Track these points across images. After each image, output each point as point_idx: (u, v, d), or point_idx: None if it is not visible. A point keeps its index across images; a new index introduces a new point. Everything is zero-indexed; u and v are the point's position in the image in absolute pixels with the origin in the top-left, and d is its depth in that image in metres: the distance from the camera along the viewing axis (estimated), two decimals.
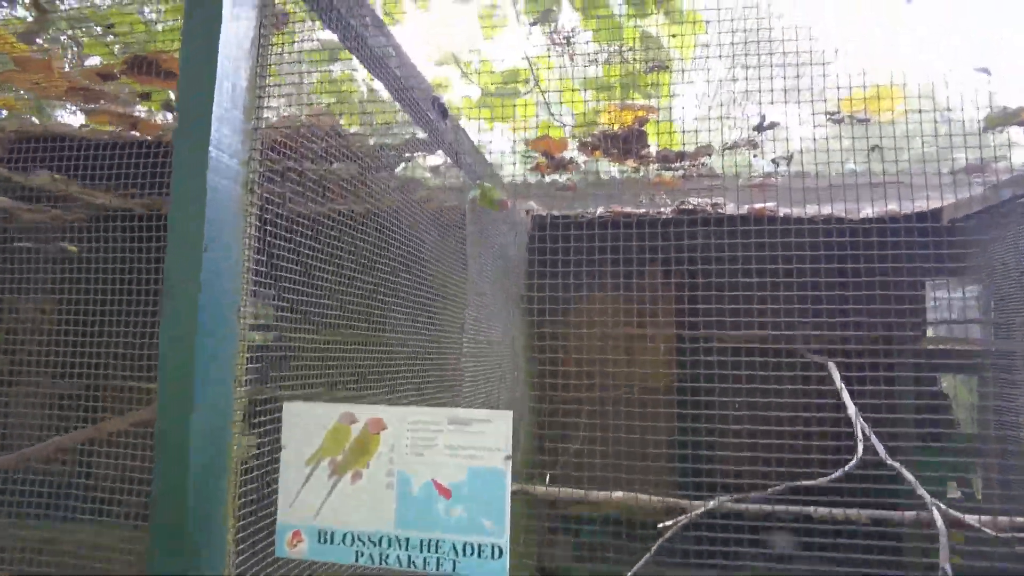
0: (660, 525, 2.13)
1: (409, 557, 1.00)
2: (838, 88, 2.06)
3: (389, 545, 1.01)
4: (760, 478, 2.61)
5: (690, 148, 2.46)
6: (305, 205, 1.43)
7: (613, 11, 4.19)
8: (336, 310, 1.52)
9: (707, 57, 3.21)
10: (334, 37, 1.54)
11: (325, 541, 1.03)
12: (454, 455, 1.00)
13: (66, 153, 2.50)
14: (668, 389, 4.01)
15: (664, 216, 3.66)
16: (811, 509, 2.22)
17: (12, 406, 3.91)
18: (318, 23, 1.49)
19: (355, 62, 1.62)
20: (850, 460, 2.53)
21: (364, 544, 1.02)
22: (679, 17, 3.80)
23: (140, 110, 2.19)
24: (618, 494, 2.28)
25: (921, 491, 2.18)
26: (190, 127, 0.95)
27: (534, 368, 3.62)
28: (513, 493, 2.38)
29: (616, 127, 2.30)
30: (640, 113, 2.27)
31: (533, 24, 2.92)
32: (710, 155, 2.49)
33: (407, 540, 1.00)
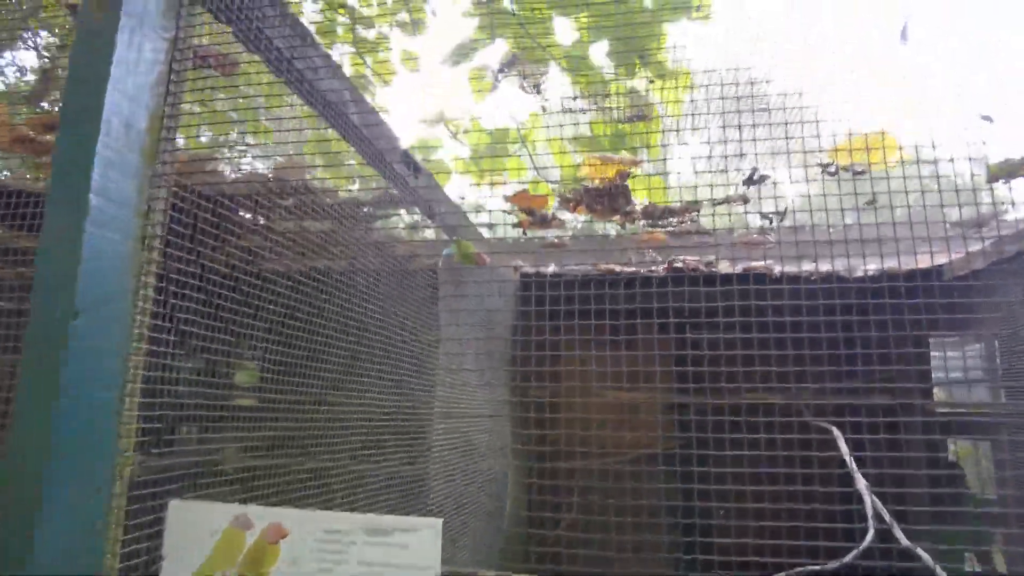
0: None
1: None
2: (834, 136, 1.95)
3: None
4: (761, 554, 2.38)
5: (678, 204, 2.33)
6: (242, 262, 1.28)
7: (600, 70, 4.18)
8: (273, 374, 1.35)
9: (693, 113, 3.13)
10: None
11: None
12: (370, 574, 0.81)
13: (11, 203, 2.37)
14: (662, 457, 3.79)
15: (655, 275, 3.53)
16: None
17: None
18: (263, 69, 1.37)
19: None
20: (860, 535, 2.32)
21: None
22: (665, 74, 3.77)
23: None
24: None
25: (941, 574, 1.96)
26: (67, 169, 0.81)
27: (521, 435, 3.41)
28: None
29: (598, 181, 2.18)
30: (622, 167, 2.15)
31: (500, 71, 2.85)
32: (698, 211, 2.37)
33: None
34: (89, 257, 0.79)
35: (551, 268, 3.76)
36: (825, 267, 3.59)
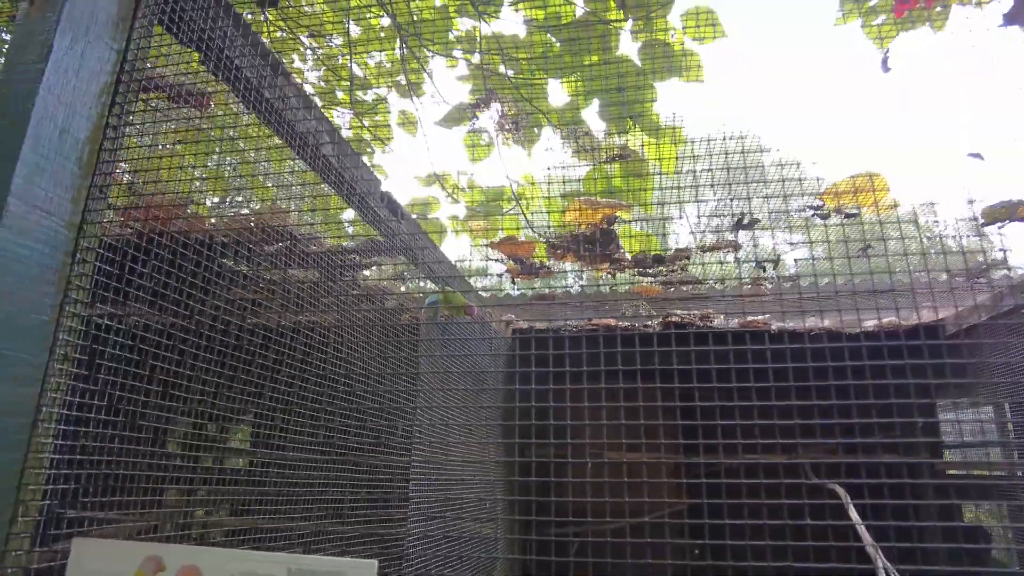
0: None
1: None
2: (818, 180, 1.91)
3: None
4: None
5: (668, 252, 2.28)
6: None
7: (591, 129, 4.22)
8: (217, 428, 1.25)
9: (684, 170, 3.13)
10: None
11: None
12: None
13: None
14: (665, 518, 3.62)
15: (651, 330, 3.45)
16: None
17: None
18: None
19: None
20: None
21: None
22: (656, 132, 3.80)
23: None
24: None
25: None
26: None
27: (517, 496, 3.25)
28: None
29: (584, 226, 2.14)
30: (609, 211, 2.11)
31: (475, 106, 2.85)
32: (689, 258, 2.31)
33: None
34: (4, 269, 0.72)
35: (544, 324, 3.69)
36: (825, 322, 3.51)
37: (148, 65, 1.00)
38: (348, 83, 5.10)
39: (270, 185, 1.74)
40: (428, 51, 5.32)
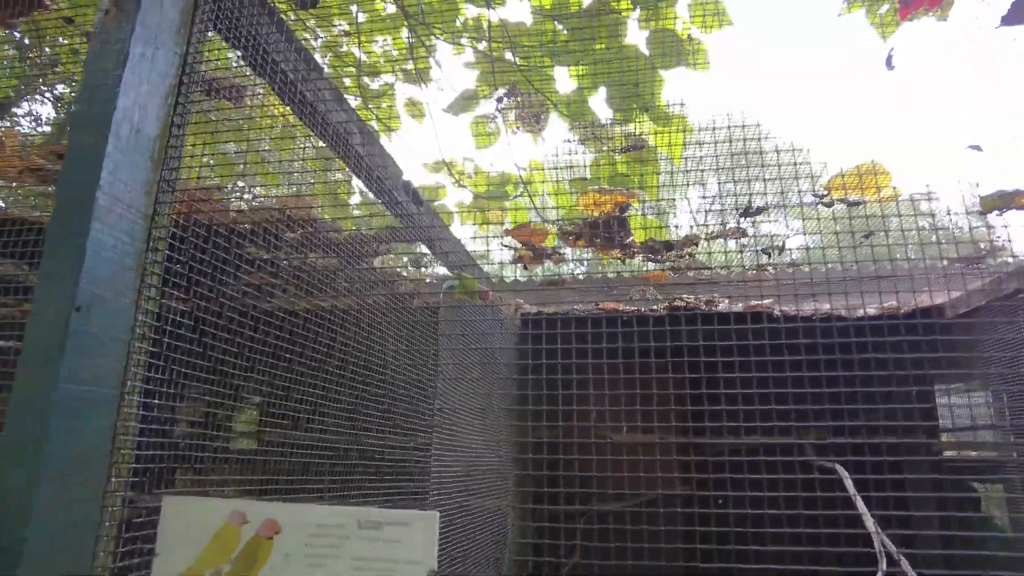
0: None
1: None
2: (818, 165, 1.98)
3: None
4: None
5: (677, 238, 2.36)
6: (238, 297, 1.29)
7: (598, 116, 4.28)
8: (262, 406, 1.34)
9: (690, 157, 3.20)
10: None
11: None
12: (362, 570, 0.80)
13: (27, 239, 2.40)
14: (665, 499, 3.73)
15: (657, 313, 3.53)
16: None
17: None
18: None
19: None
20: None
21: None
22: (664, 119, 3.86)
23: None
24: None
25: None
26: (77, 168, 0.83)
27: (526, 475, 3.35)
28: None
29: (597, 214, 2.21)
30: (620, 199, 2.19)
31: (499, 100, 2.91)
32: (697, 244, 2.39)
33: None
34: (93, 253, 0.81)
35: (552, 308, 3.77)
36: (826, 306, 3.60)
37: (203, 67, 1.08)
38: (354, 70, 5.15)
39: (304, 174, 1.81)
40: (435, 37, 5.36)
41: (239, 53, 1.22)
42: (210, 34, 1.10)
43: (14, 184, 2.05)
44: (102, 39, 0.89)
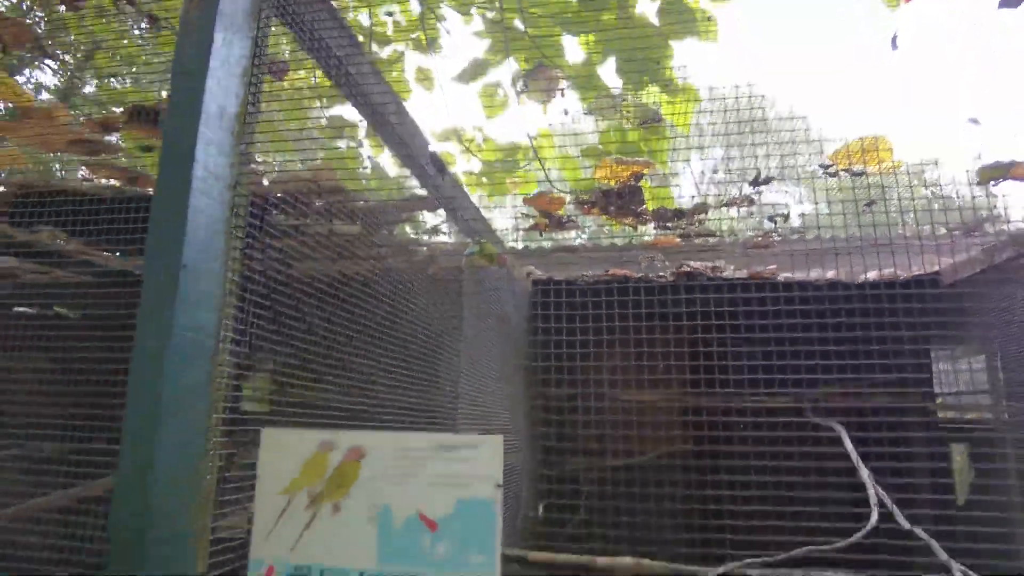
0: None
1: None
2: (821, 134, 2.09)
3: None
4: (772, 546, 2.47)
5: (687, 207, 2.47)
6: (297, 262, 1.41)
7: (608, 86, 4.35)
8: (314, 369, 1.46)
9: (694, 125, 3.28)
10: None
11: None
12: (440, 485, 0.93)
13: (69, 209, 2.51)
14: (673, 455, 3.88)
15: (664, 280, 3.65)
16: (827, 574, 2.09)
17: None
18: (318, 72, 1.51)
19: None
20: (863, 525, 2.41)
21: None
22: (674, 89, 3.93)
23: (143, 165, 2.22)
24: (625, 560, 2.16)
25: (943, 555, 2.06)
26: (175, 146, 0.94)
27: (537, 435, 3.51)
28: (509, 560, 2.25)
29: (613, 183, 2.32)
30: (637, 168, 2.29)
31: (523, 79, 2.98)
32: (706, 212, 2.50)
33: None
34: (192, 219, 0.92)
35: (563, 275, 3.89)
36: (829, 273, 3.71)
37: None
38: (362, 37, 5.18)
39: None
40: (444, 5, 5.38)
41: (291, 33, 1.32)
42: (273, 18, 1.20)
43: (63, 155, 2.15)
44: (187, 26, 0.99)
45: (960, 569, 2.00)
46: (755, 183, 2.25)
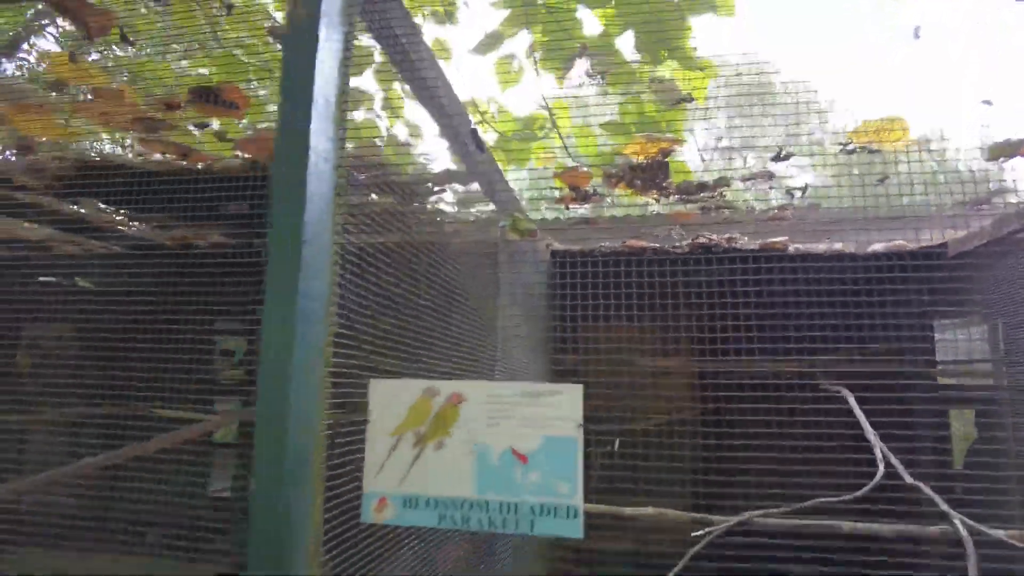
0: (694, 534, 2.18)
1: (490, 519, 1.08)
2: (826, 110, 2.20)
3: (471, 508, 1.09)
4: (784, 499, 2.65)
5: (710, 181, 2.59)
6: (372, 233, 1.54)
7: (625, 59, 4.41)
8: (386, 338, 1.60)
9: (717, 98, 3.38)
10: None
11: (410, 506, 1.11)
12: (529, 425, 1.09)
13: (118, 182, 2.64)
14: (684, 420, 4.06)
15: (679, 250, 3.78)
16: (839, 524, 2.27)
17: (35, 432, 3.96)
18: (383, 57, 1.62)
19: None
20: (868, 482, 2.58)
21: (447, 508, 1.09)
22: (691, 63, 4.00)
23: (199, 140, 2.33)
24: (648, 509, 2.33)
25: (944, 506, 2.23)
26: (291, 135, 1.07)
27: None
28: None
29: (642, 158, 2.44)
30: (665, 145, 2.41)
31: (575, 58, 3.06)
32: (728, 186, 2.62)
33: (487, 503, 1.08)
34: (309, 199, 1.06)
35: (581, 246, 4.02)
36: (838, 244, 3.85)
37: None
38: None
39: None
40: None
41: (364, 24, 1.44)
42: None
43: (127, 132, 2.27)
44: (295, 24, 1.12)
45: (959, 519, 2.17)
46: (777, 159, 2.37)
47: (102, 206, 3.05)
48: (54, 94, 2.05)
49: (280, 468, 0.96)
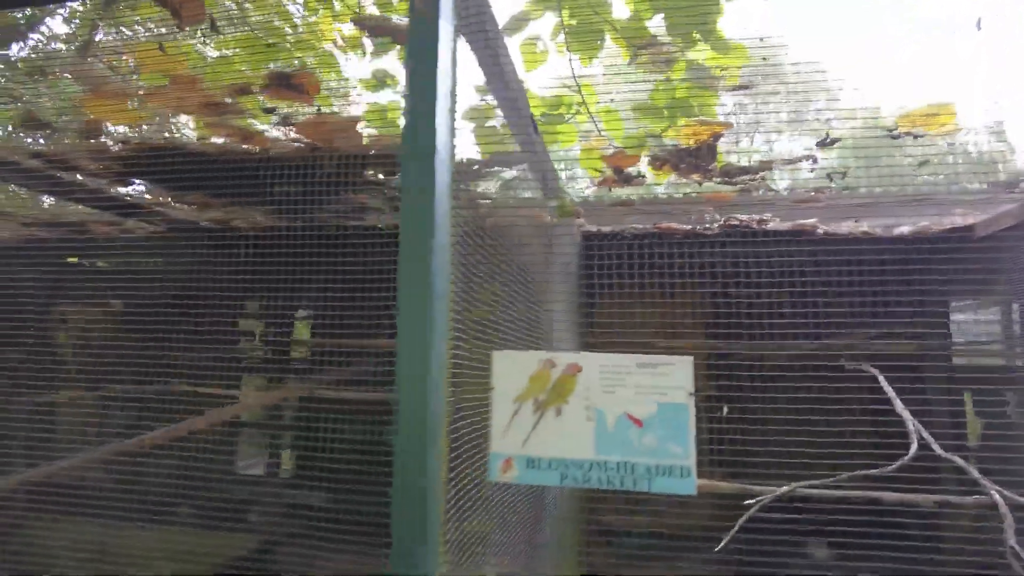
0: (747, 502, 2.29)
1: (608, 477, 1.18)
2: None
3: (590, 468, 1.19)
4: (818, 470, 2.75)
5: (753, 163, 2.67)
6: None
7: (659, 41, 4.45)
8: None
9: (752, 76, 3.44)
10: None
11: (533, 467, 1.21)
12: (643, 393, 1.18)
13: (178, 165, 2.71)
14: (708, 397, 4.15)
15: (710, 232, 3.86)
16: (882, 495, 2.37)
17: (74, 411, 4.07)
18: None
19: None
20: (899, 457, 2.69)
21: (568, 468, 1.20)
22: (722, 45, 4.05)
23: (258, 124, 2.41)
24: (699, 480, 2.44)
25: (979, 477, 2.34)
26: (418, 125, 1.16)
27: None
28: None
29: (693, 142, 2.51)
30: (719, 128, 2.48)
31: (640, 49, 3.11)
32: (771, 169, 2.70)
33: (606, 463, 1.18)
34: (439, 188, 1.15)
35: (610, 227, 4.10)
36: (864, 227, 3.92)
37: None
38: None
39: None
40: None
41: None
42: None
43: (196, 117, 2.34)
44: (418, 19, 1.19)
45: (995, 488, 2.28)
46: (823, 144, 2.44)
47: (147, 189, 3.13)
48: (134, 77, 2.12)
49: (423, 429, 1.06)
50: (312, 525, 2.89)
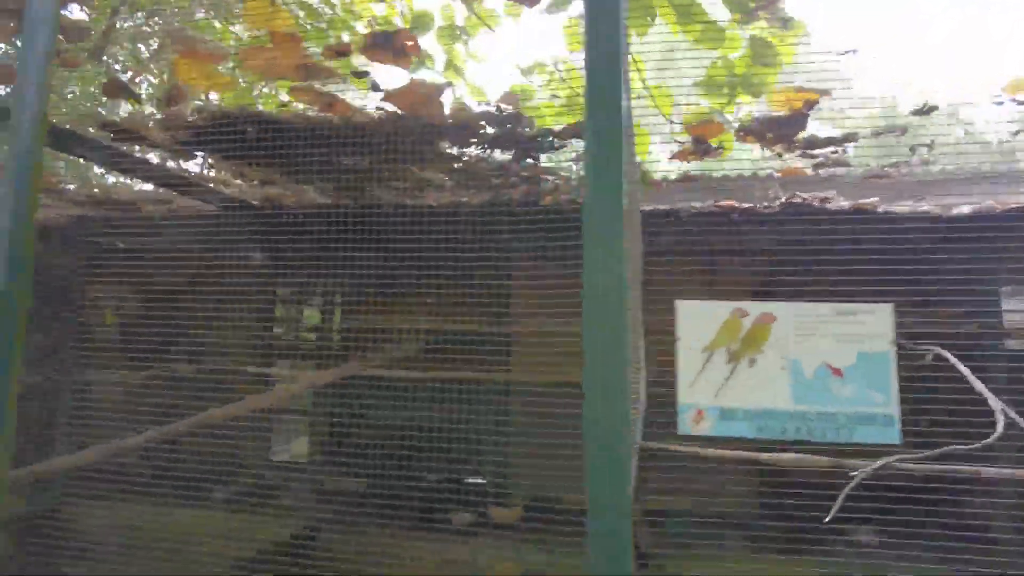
0: (851, 473, 2.26)
1: (807, 428, 1.16)
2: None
3: (788, 419, 1.16)
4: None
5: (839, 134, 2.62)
6: None
7: (713, 18, 4.39)
8: None
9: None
10: None
11: (727, 418, 1.19)
12: (842, 341, 1.16)
13: (251, 135, 2.67)
14: None
15: (769, 211, 3.81)
16: (980, 469, 2.34)
17: (118, 393, 4.05)
18: None
19: None
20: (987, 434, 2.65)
21: (764, 419, 1.17)
22: (781, 20, 3.98)
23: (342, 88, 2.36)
24: (788, 455, 2.41)
25: None
26: (604, 86, 1.13)
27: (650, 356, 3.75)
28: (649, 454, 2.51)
29: (786, 111, 2.47)
30: (814, 96, 2.43)
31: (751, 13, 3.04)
32: (855, 141, 2.65)
33: (804, 414, 1.16)
34: (627, 149, 1.12)
35: (666, 205, 4.05)
36: (923, 206, 3.86)
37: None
38: None
39: None
40: None
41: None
42: None
43: (286, 80, 2.29)
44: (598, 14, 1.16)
45: None
46: (919, 112, 2.39)
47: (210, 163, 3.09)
48: (238, 33, 2.08)
49: (618, 391, 1.03)
50: None
